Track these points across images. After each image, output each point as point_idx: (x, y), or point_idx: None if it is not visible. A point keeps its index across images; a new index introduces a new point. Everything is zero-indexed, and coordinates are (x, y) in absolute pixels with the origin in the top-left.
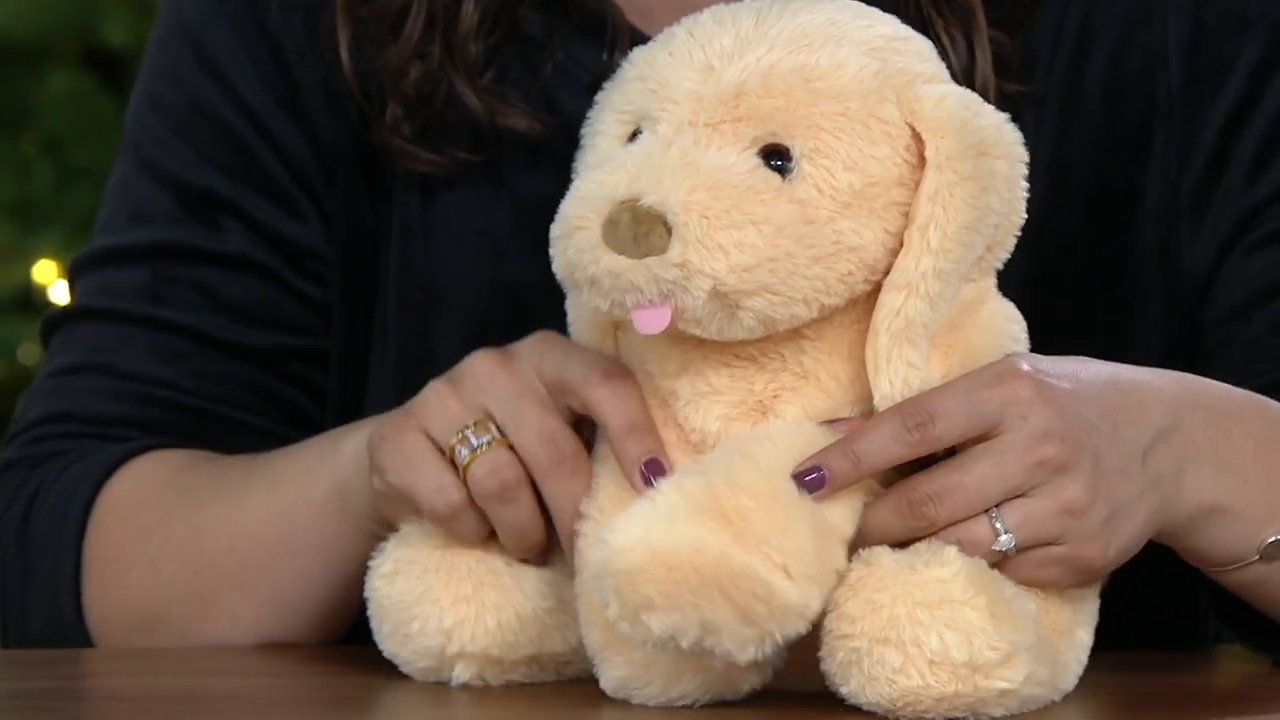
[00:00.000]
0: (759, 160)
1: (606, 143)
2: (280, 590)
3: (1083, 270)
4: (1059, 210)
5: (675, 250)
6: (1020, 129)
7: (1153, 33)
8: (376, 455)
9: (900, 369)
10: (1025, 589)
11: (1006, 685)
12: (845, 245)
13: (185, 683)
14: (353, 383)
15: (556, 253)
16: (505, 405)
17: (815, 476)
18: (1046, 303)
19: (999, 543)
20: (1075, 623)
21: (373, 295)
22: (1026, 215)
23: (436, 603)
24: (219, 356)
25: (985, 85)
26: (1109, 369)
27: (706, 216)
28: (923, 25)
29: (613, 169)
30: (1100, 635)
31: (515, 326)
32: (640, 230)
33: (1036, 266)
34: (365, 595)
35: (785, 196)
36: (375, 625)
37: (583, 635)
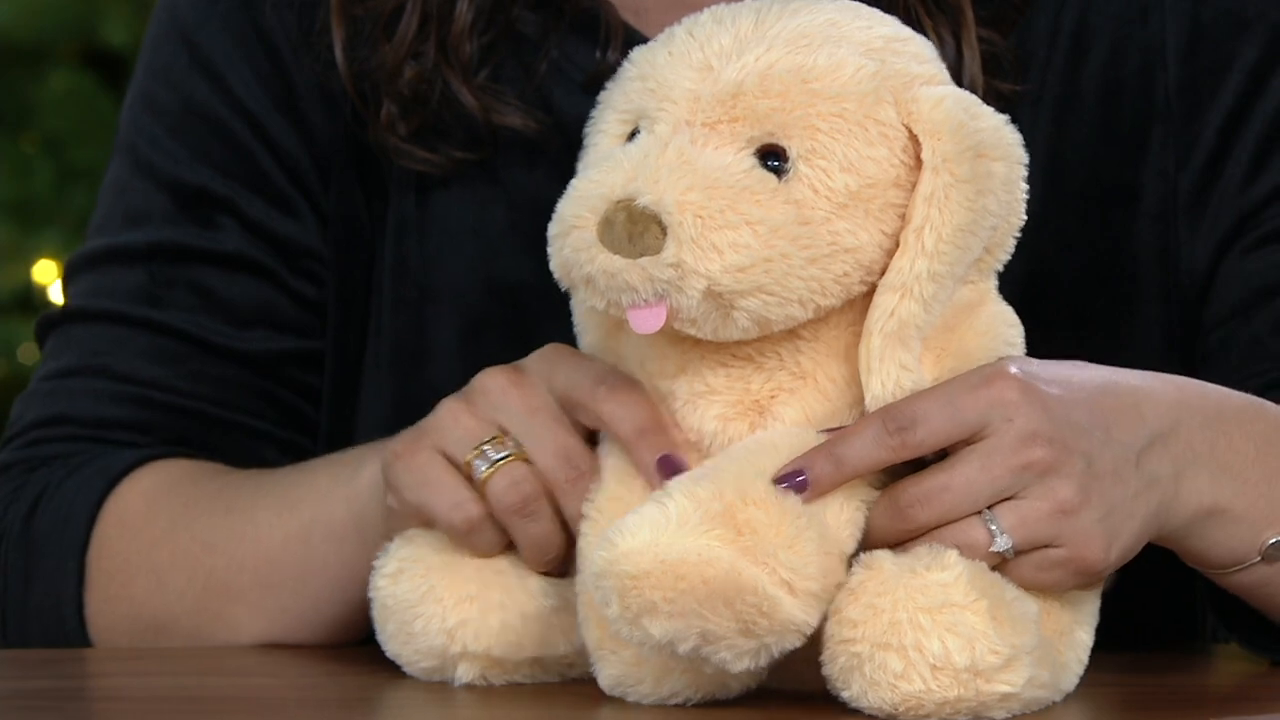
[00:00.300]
0: (755, 160)
1: (606, 142)
2: (290, 608)
3: (1080, 269)
4: (1056, 209)
5: (670, 250)
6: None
7: (1150, 32)
8: (391, 473)
9: (892, 370)
10: (1026, 592)
11: (1008, 689)
12: (841, 246)
13: (185, 682)
14: (346, 382)
15: (553, 252)
16: (520, 422)
17: (799, 480)
18: (1043, 302)
19: (996, 544)
20: (1076, 623)
21: (367, 294)
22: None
23: (440, 602)
24: (216, 359)
25: (973, 84)
26: (1104, 373)
27: (701, 216)
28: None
29: (609, 168)
30: (1100, 635)
31: (510, 325)
32: (635, 230)
33: (1033, 266)
34: (370, 595)
35: (781, 197)
36: (379, 625)
37: (581, 632)
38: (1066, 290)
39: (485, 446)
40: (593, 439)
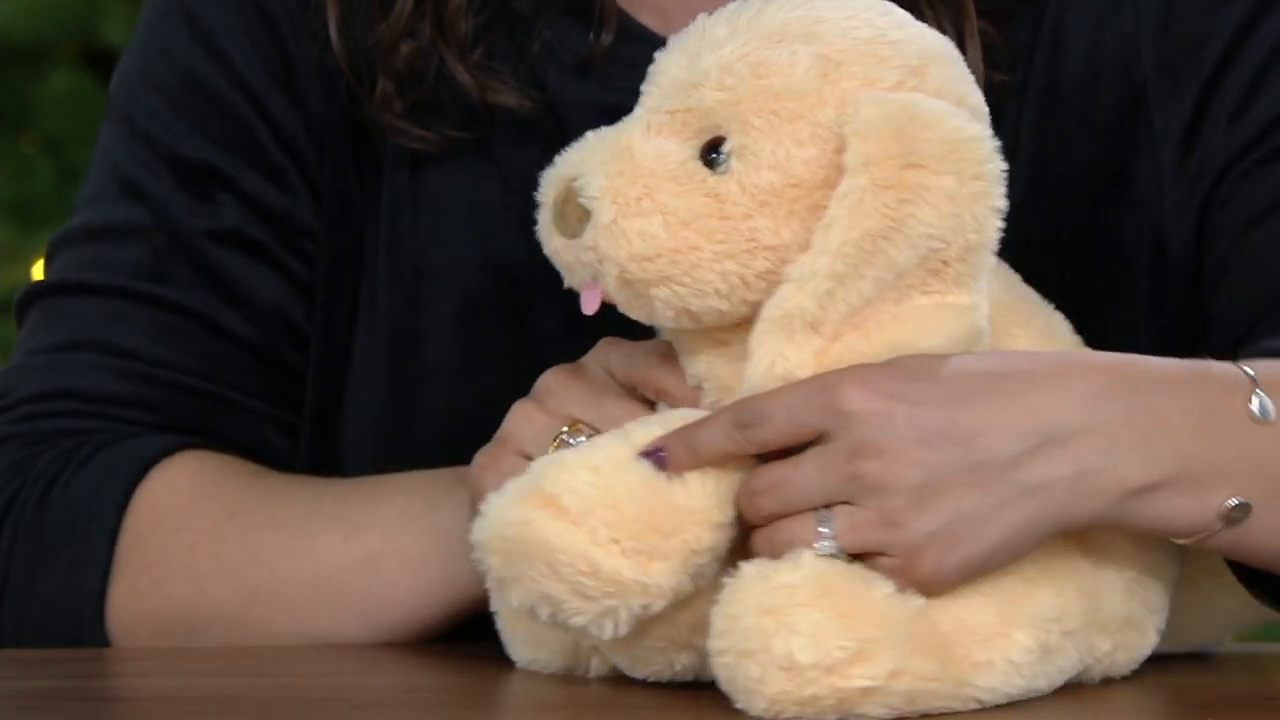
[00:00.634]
0: (695, 151)
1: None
2: (341, 630)
3: (1069, 260)
4: (1042, 200)
5: (588, 234)
6: (1004, 120)
7: (1124, 19)
8: (480, 486)
9: (767, 357)
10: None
11: (867, 683)
12: (760, 244)
13: (185, 683)
14: (334, 362)
15: None
16: (590, 408)
17: (659, 456)
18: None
19: (820, 546)
20: (1011, 625)
21: (357, 272)
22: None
23: None
24: (219, 338)
25: (975, 76)
26: (1007, 373)
27: (618, 203)
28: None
29: (575, 147)
30: None
31: (506, 303)
32: (569, 211)
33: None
34: (492, 609)
35: (704, 190)
36: (507, 634)
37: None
38: (1056, 281)
39: (564, 435)
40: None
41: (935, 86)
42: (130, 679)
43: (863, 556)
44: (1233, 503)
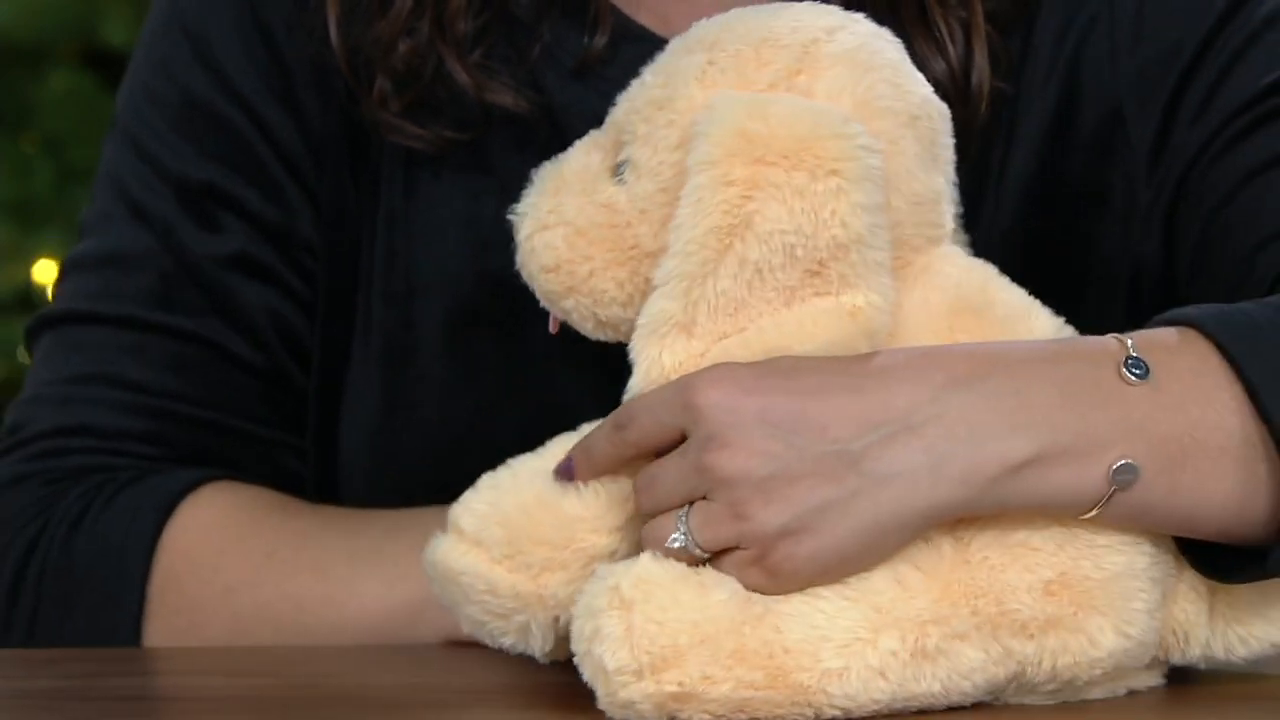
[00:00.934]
0: (609, 163)
1: None
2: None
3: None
4: (1030, 214)
5: (518, 254)
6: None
7: (1099, 35)
8: None
9: (644, 362)
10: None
11: (676, 688)
12: (643, 251)
13: (185, 682)
14: (332, 377)
15: None
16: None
17: (565, 468)
18: None
19: (672, 539)
20: (876, 629)
21: (354, 287)
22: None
23: None
24: (228, 365)
25: (981, 81)
26: (866, 365)
27: (533, 218)
28: (923, 19)
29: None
30: None
31: (501, 316)
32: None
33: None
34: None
35: (601, 200)
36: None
37: None
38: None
39: None
40: None
41: (825, 87)
42: (130, 679)
43: (725, 553)
44: (1117, 464)
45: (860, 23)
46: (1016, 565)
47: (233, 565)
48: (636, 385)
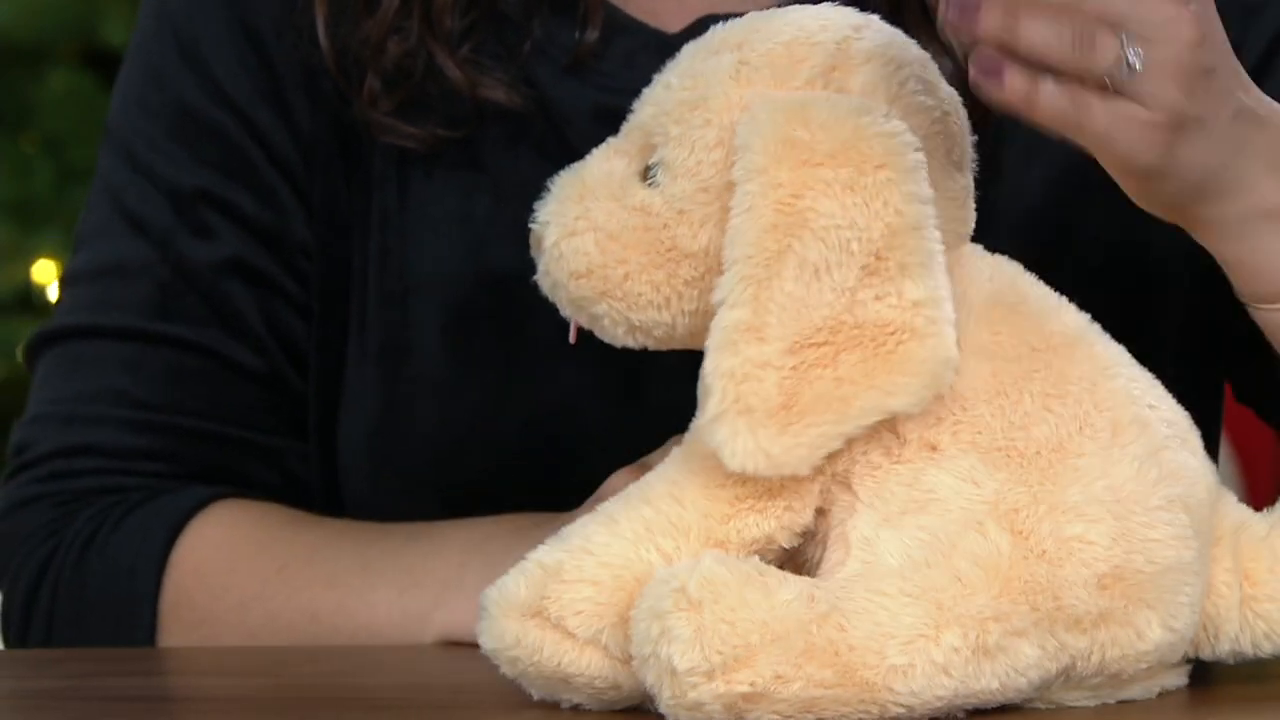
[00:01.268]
0: (638, 168)
1: None
2: None
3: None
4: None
5: (540, 262)
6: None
7: None
8: None
9: (720, 382)
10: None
11: (748, 688)
12: (682, 251)
13: (185, 682)
14: (329, 379)
15: None
16: None
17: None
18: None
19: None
20: (939, 626)
21: (348, 288)
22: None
23: None
24: (230, 374)
25: None
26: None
27: (559, 225)
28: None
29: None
30: None
31: (499, 314)
32: (535, 240)
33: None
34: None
35: (634, 204)
36: None
37: None
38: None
39: None
40: None
41: (860, 83)
42: (130, 679)
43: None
44: None
45: (879, 21)
46: (1073, 560)
47: (244, 580)
48: (715, 407)
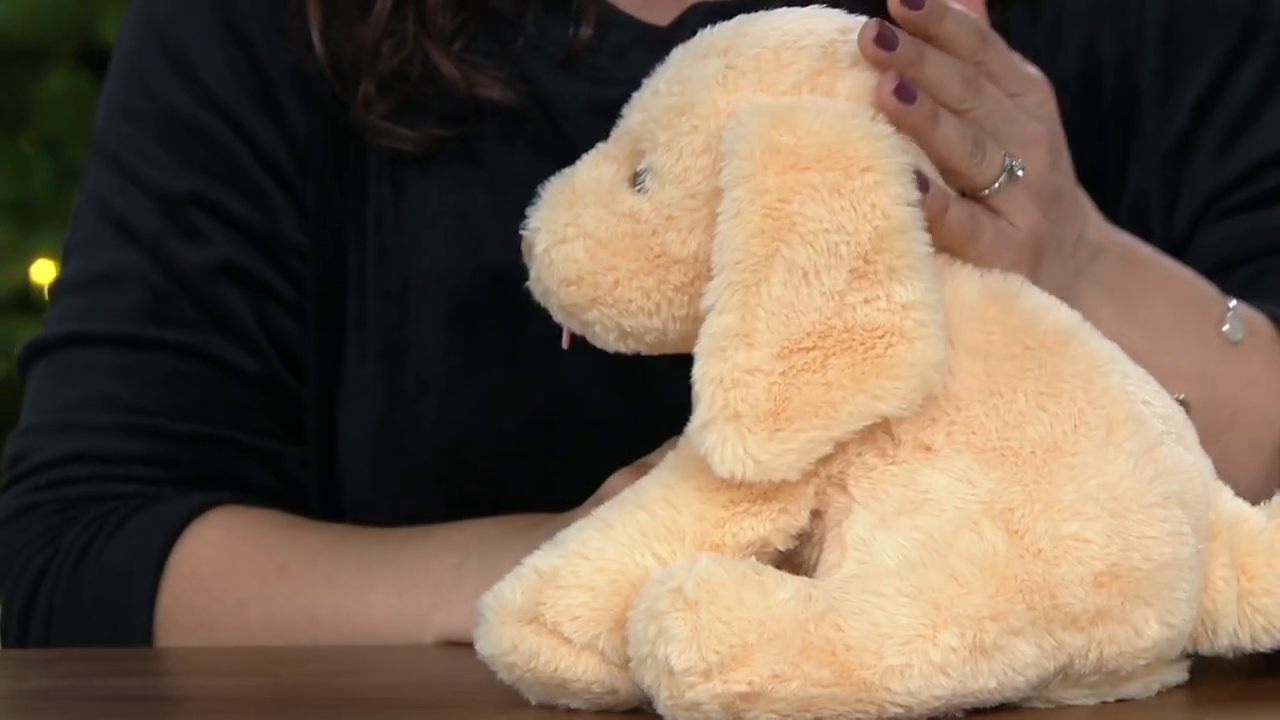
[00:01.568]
0: (626, 174)
1: None
2: None
3: None
4: None
5: (531, 269)
6: None
7: (1128, 19)
8: None
9: (709, 388)
10: (795, 580)
11: (745, 687)
12: (671, 258)
13: (185, 682)
14: (327, 380)
15: None
16: None
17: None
18: None
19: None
20: (936, 626)
21: (344, 288)
22: None
23: None
24: (225, 376)
25: None
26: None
27: (549, 232)
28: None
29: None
30: None
31: (499, 309)
32: (526, 247)
33: None
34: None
35: (623, 210)
36: None
37: None
38: None
39: None
40: None
41: (847, 87)
42: (129, 679)
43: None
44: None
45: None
46: (1069, 558)
47: (243, 581)
48: (704, 413)
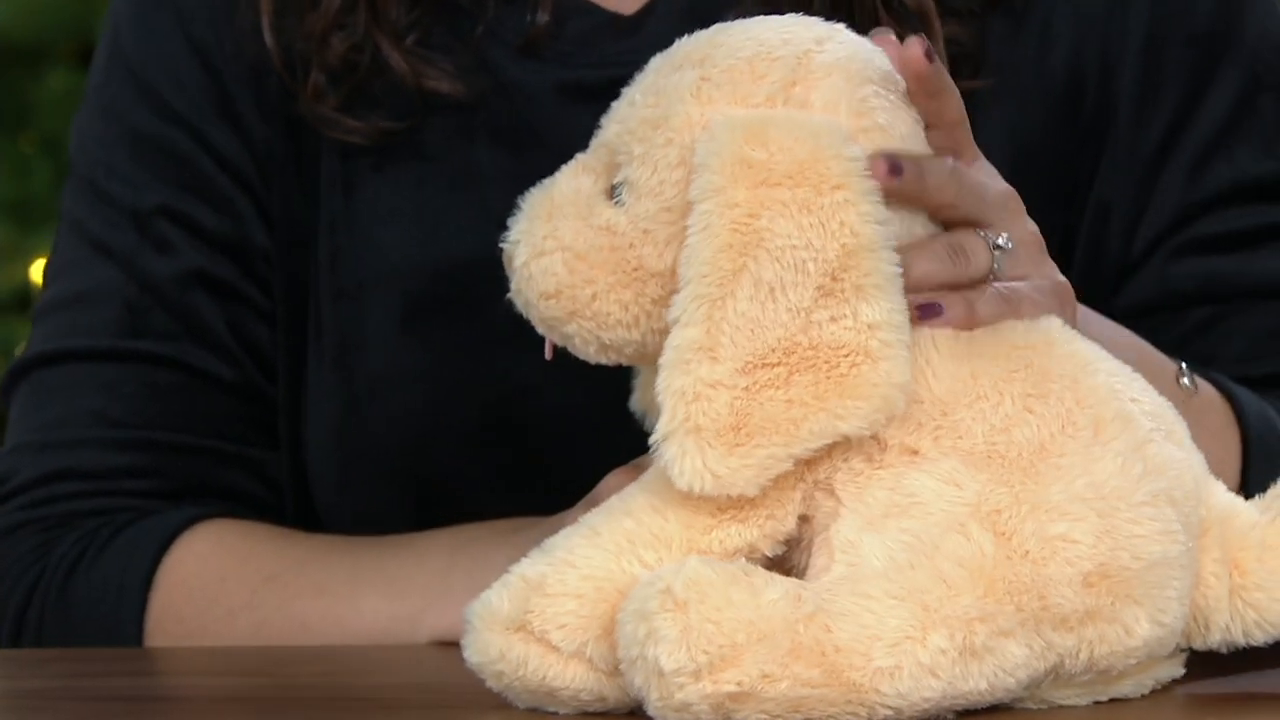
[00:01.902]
0: (602, 186)
1: None
2: None
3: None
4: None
5: (511, 282)
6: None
7: (1111, 32)
8: None
9: (671, 401)
10: (784, 580)
11: (735, 687)
12: (648, 271)
13: (185, 682)
14: (293, 384)
15: None
16: None
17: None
18: None
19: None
20: (925, 627)
21: (305, 293)
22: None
23: None
24: (204, 385)
25: None
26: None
27: (529, 244)
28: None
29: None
30: None
31: (458, 301)
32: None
33: None
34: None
35: (600, 223)
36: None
37: None
38: None
39: None
40: None
41: (821, 98)
42: (129, 679)
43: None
44: None
45: (845, 32)
46: (1056, 559)
47: (232, 590)
48: (665, 425)
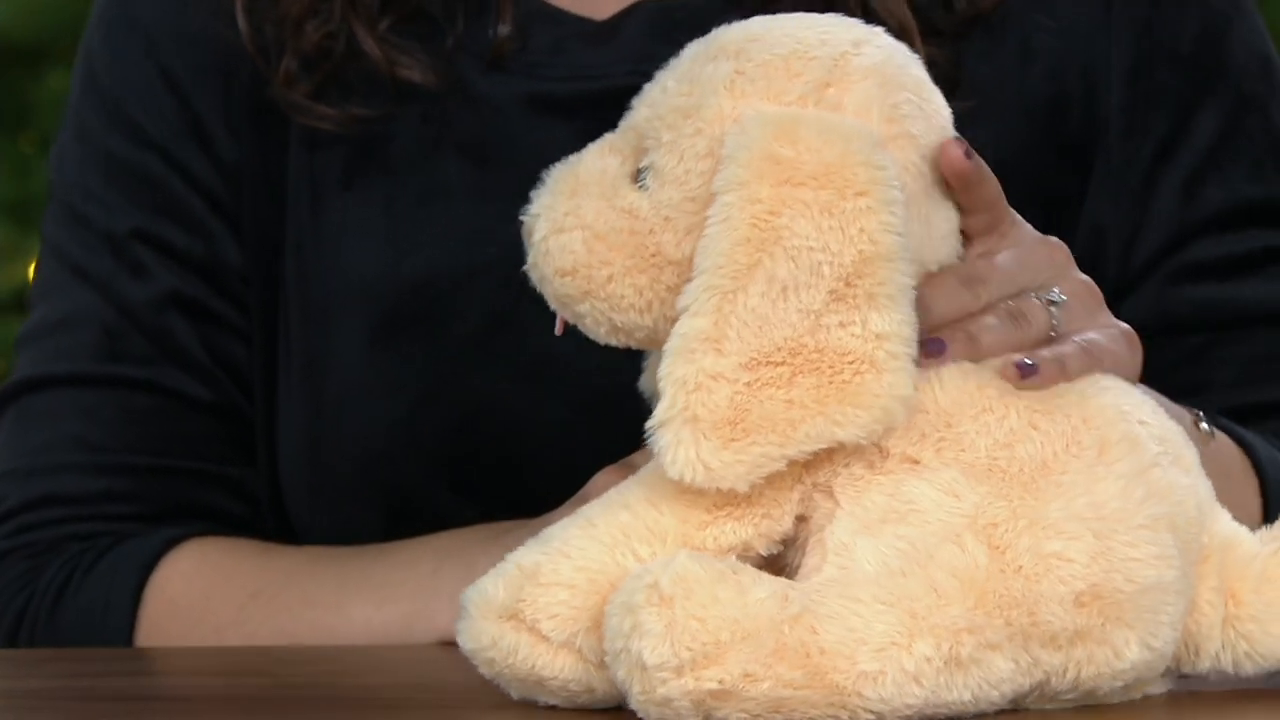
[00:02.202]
0: (630, 168)
1: None
2: None
3: None
4: None
5: (529, 255)
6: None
7: (1096, 53)
8: None
9: (671, 389)
10: (775, 581)
11: (716, 685)
12: (665, 258)
13: (185, 682)
14: (268, 402)
15: None
16: None
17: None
18: None
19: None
20: (912, 635)
21: (276, 312)
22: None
23: None
24: (183, 407)
25: None
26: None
27: (549, 220)
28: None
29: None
30: None
31: (421, 319)
32: (527, 230)
33: None
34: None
35: (623, 205)
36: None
37: None
38: None
39: None
40: None
41: (854, 101)
42: (129, 679)
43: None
44: None
45: (882, 36)
46: (1050, 576)
47: (219, 607)
48: (663, 412)
